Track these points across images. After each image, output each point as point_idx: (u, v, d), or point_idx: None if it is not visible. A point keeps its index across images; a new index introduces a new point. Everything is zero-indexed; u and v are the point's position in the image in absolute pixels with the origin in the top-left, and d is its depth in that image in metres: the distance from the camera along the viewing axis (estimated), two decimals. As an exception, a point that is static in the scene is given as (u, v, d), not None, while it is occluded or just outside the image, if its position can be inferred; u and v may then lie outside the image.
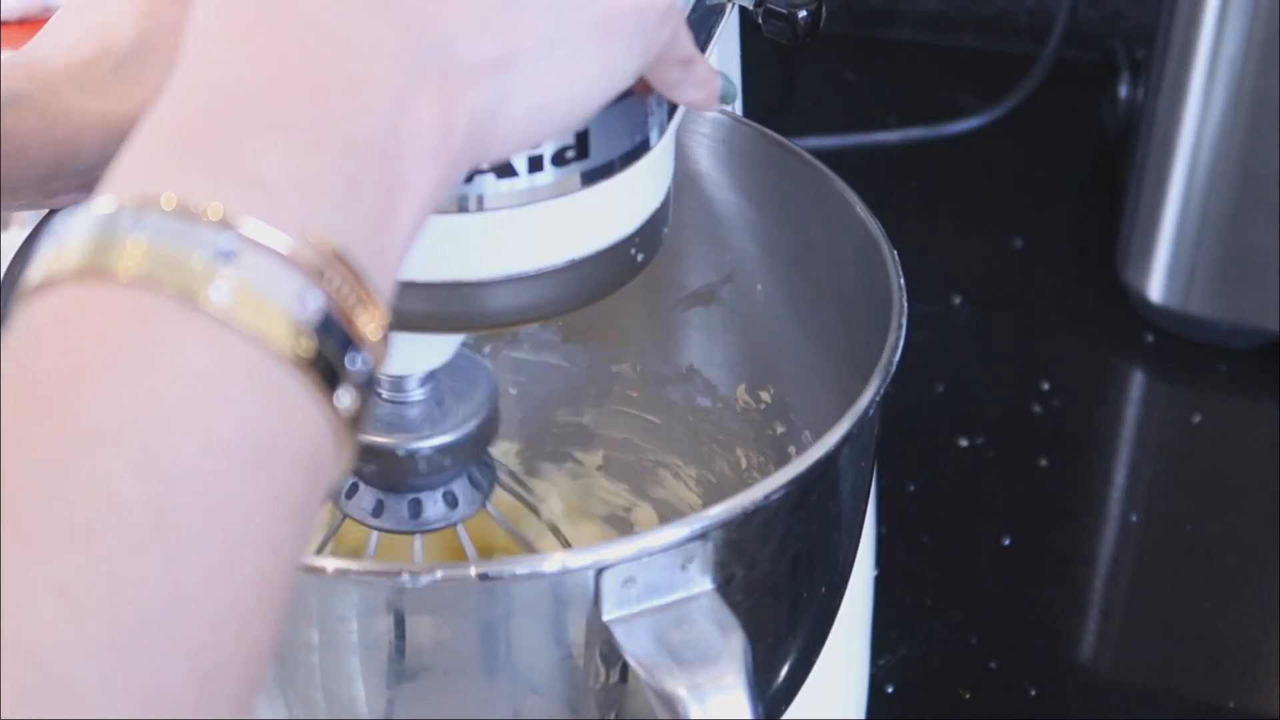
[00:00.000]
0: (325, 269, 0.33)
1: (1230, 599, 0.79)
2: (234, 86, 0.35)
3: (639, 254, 0.47)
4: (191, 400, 0.31)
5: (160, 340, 0.32)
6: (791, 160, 0.60)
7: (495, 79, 0.38)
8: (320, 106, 0.35)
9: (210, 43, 0.36)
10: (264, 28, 0.36)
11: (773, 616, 0.51)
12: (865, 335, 0.54)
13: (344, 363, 0.34)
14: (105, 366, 0.31)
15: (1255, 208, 0.87)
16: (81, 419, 0.30)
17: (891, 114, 1.08)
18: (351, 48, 0.36)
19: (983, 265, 1.00)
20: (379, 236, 0.35)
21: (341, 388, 0.34)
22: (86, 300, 0.32)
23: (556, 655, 0.46)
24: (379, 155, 0.35)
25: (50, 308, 0.32)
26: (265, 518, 0.32)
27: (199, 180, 0.33)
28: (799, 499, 0.48)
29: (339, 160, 0.35)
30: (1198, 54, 0.85)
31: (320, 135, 0.34)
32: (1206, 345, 0.92)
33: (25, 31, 0.89)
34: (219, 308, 0.32)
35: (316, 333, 0.33)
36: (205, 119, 0.34)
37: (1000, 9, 1.17)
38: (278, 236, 0.33)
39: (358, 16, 0.36)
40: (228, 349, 0.32)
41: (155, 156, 0.34)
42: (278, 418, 0.33)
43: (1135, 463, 0.87)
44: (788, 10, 0.54)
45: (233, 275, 0.32)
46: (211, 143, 0.34)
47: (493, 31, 0.38)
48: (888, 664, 0.74)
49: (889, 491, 0.81)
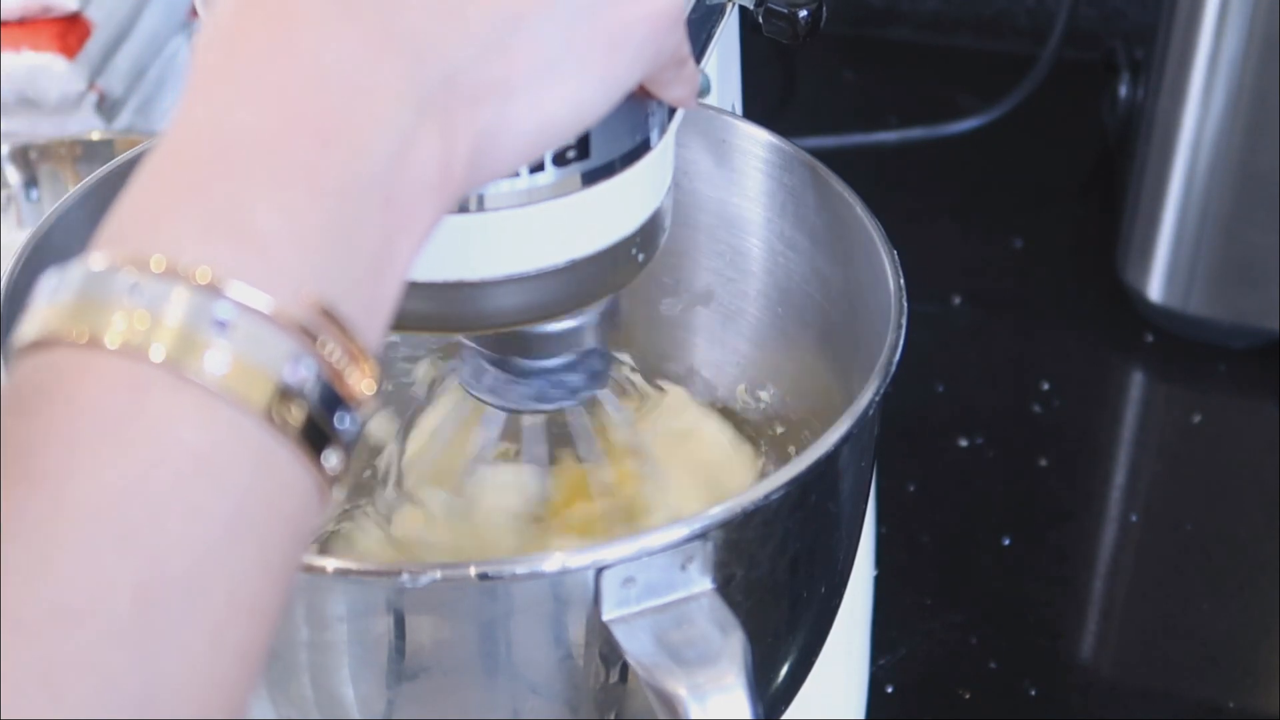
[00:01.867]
0: (318, 332, 0.33)
1: (1230, 599, 0.79)
2: (237, 136, 0.34)
3: (639, 254, 0.47)
4: (182, 477, 0.31)
5: (151, 415, 0.32)
6: (791, 160, 0.60)
7: (497, 103, 0.37)
8: (322, 155, 0.34)
9: (216, 83, 0.36)
10: (271, 69, 0.35)
11: (773, 616, 0.50)
12: (865, 335, 0.54)
13: (333, 424, 0.34)
14: (98, 442, 0.31)
15: (1255, 208, 0.87)
16: (74, 498, 0.30)
17: (891, 114, 1.08)
18: (356, 89, 0.35)
19: (983, 265, 1.00)
20: (374, 284, 0.35)
21: (329, 449, 0.34)
22: (78, 367, 0.32)
23: (556, 655, 0.46)
24: (378, 199, 0.35)
25: (42, 372, 0.32)
26: (250, 587, 0.32)
27: (196, 239, 0.33)
28: (799, 499, 0.48)
29: (338, 209, 0.34)
30: (1198, 54, 0.85)
31: (320, 185, 0.34)
32: (1206, 345, 0.92)
33: (25, 31, 0.89)
34: (211, 378, 0.32)
35: (307, 399, 0.33)
36: (207, 170, 0.34)
37: (1000, 9, 1.17)
38: (270, 302, 0.33)
39: (363, 54, 0.36)
40: (218, 421, 0.32)
41: (154, 208, 0.34)
42: (266, 487, 0.33)
43: (1135, 463, 0.87)
44: (788, 10, 0.54)
45: (226, 346, 0.32)
46: (210, 197, 0.34)
47: (495, 56, 0.37)
48: (888, 664, 0.74)
49: (889, 491, 0.81)
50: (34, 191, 0.88)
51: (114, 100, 0.93)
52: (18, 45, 0.89)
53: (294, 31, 0.35)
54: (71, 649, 0.29)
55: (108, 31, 0.92)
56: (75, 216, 0.56)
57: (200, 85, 0.36)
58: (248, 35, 0.36)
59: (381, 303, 0.36)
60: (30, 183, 0.88)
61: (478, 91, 0.37)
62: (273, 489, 0.33)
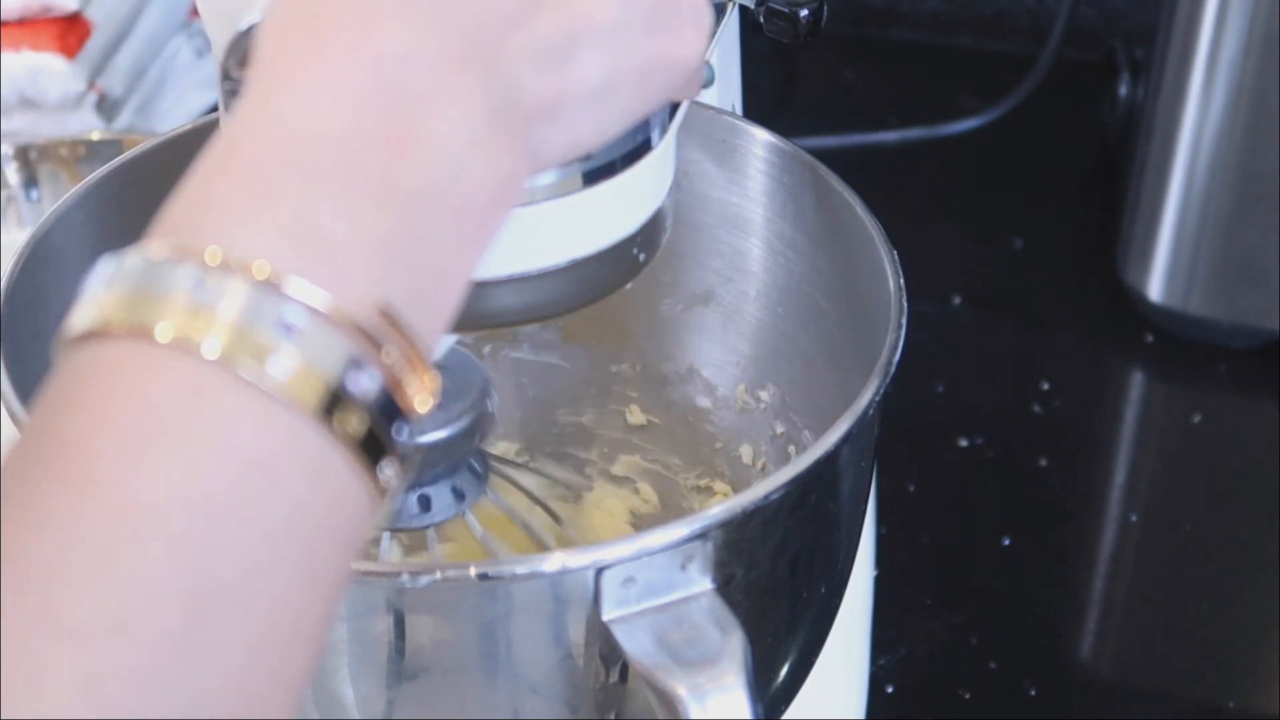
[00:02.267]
0: (383, 339, 0.33)
1: (1230, 599, 0.79)
2: (310, 137, 0.34)
3: (640, 253, 0.47)
4: (237, 485, 0.31)
5: (208, 416, 0.31)
6: (791, 160, 0.60)
7: (545, 124, 0.38)
8: (394, 164, 0.34)
9: (292, 75, 0.35)
10: (349, 71, 0.35)
11: (773, 616, 0.50)
12: (865, 335, 0.54)
13: (390, 435, 0.33)
14: (154, 444, 0.30)
15: (1255, 208, 0.87)
16: (127, 502, 0.30)
17: (891, 114, 1.08)
18: (434, 101, 0.35)
19: (983, 265, 1.00)
20: (437, 294, 0.35)
21: (386, 460, 0.33)
22: (133, 362, 0.31)
23: (556, 655, 0.46)
24: (446, 209, 0.35)
25: (94, 365, 0.32)
26: (297, 602, 0.31)
27: (265, 237, 0.32)
28: (799, 499, 0.48)
29: (405, 218, 0.34)
30: (1198, 54, 0.85)
31: (392, 193, 0.34)
32: (1206, 345, 0.92)
33: (25, 31, 0.89)
34: (273, 383, 0.31)
35: (368, 408, 0.32)
36: (277, 169, 0.33)
37: (1000, 9, 1.17)
38: (336, 305, 0.32)
39: (441, 63, 0.35)
40: (277, 427, 0.31)
41: (221, 202, 0.33)
42: (321, 498, 0.32)
43: (1135, 463, 0.87)
44: (789, 9, 0.54)
45: (292, 351, 0.31)
46: (280, 198, 0.33)
47: (554, 77, 0.38)
48: (888, 664, 0.74)
49: (889, 491, 0.81)
50: (34, 191, 0.88)
51: (114, 100, 0.93)
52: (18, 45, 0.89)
53: (377, 32, 0.35)
54: (119, 659, 0.29)
55: (108, 31, 0.93)
56: (75, 216, 0.56)
57: (275, 75, 0.35)
58: (330, 27, 0.35)
59: (442, 313, 0.35)
60: (30, 183, 0.88)
61: (533, 110, 0.37)
62: (327, 499, 0.32)
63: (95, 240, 0.57)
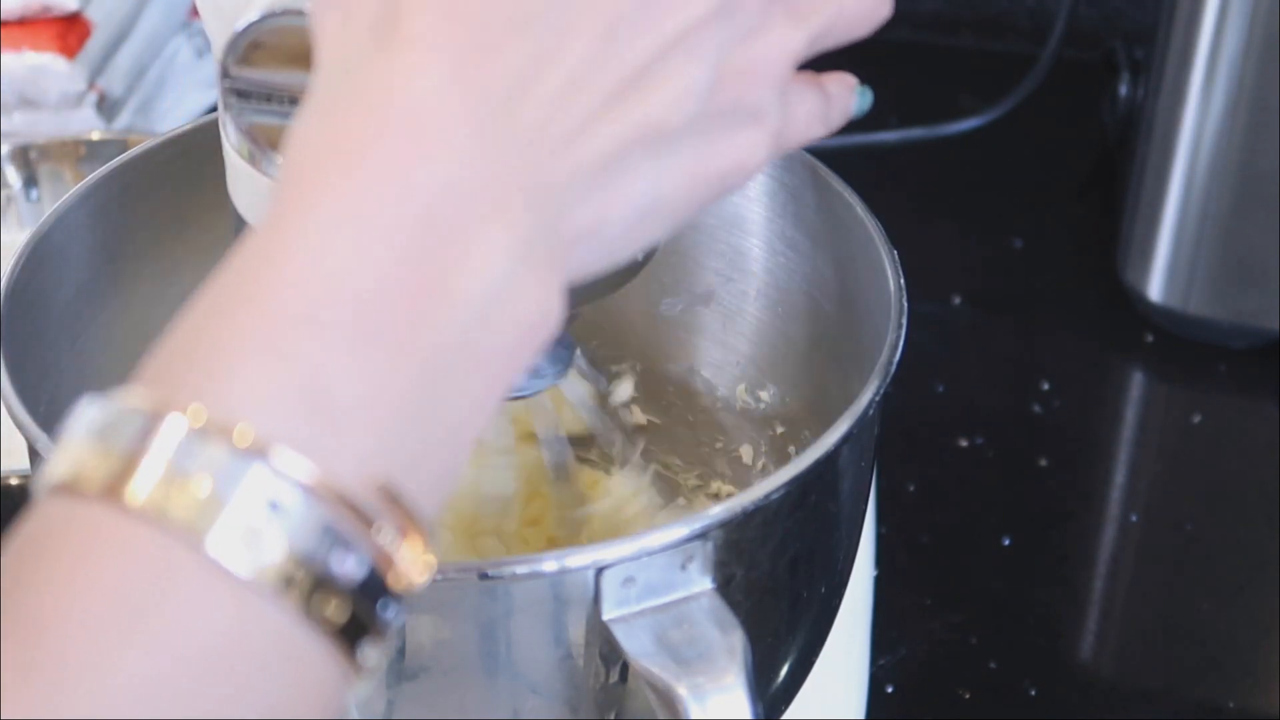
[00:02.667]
0: (377, 517, 0.30)
1: (1230, 599, 0.79)
2: (329, 279, 0.31)
3: (639, 253, 0.47)
4: (207, 673, 0.29)
5: (177, 603, 0.29)
6: (792, 160, 0.60)
7: (584, 251, 0.35)
8: (419, 312, 0.31)
9: (319, 202, 0.32)
10: (385, 205, 0.31)
11: (773, 616, 0.50)
12: (865, 335, 0.54)
13: (375, 615, 0.31)
14: (122, 633, 0.29)
15: (1255, 208, 0.87)
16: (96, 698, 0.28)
17: (891, 114, 1.08)
18: (471, 241, 0.32)
19: (983, 265, 1.00)
20: (450, 451, 0.32)
21: (368, 640, 0.31)
22: (107, 529, 0.29)
23: (556, 655, 0.46)
24: (470, 361, 0.32)
25: (68, 527, 0.30)
26: None
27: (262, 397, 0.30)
28: (799, 499, 0.48)
29: (425, 375, 0.31)
30: (1198, 54, 0.85)
31: (410, 346, 0.31)
32: (1206, 345, 0.92)
33: (25, 31, 0.89)
34: (246, 568, 0.29)
35: (351, 592, 0.30)
36: (286, 319, 0.31)
37: (1000, 9, 1.17)
38: (326, 481, 0.30)
39: (488, 197, 0.32)
40: (246, 615, 0.29)
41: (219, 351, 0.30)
42: (294, 684, 0.30)
43: (1135, 463, 0.87)
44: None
45: (269, 532, 0.29)
46: (285, 348, 0.30)
47: (595, 198, 0.35)
48: (888, 664, 0.74)
49: (889, 491, 0.81)
50: (34, 191, 0.88)
51: (114, 100, 0.93)
52: (18, 45, 0.89)
53: (423, 159, 0.32)
54: None
55: (108, 31, 0.93)
56: (75, 216, 0.56)
57: (293, 200, 0.32)
58: (366, 148, 0.32)
59: (452, 469, 0.33)
60: (30, 183, 0.88)
61: (572, 236, 0.34)
62: (300, 685, 0.30)
63: (95, 240, 0.57)
